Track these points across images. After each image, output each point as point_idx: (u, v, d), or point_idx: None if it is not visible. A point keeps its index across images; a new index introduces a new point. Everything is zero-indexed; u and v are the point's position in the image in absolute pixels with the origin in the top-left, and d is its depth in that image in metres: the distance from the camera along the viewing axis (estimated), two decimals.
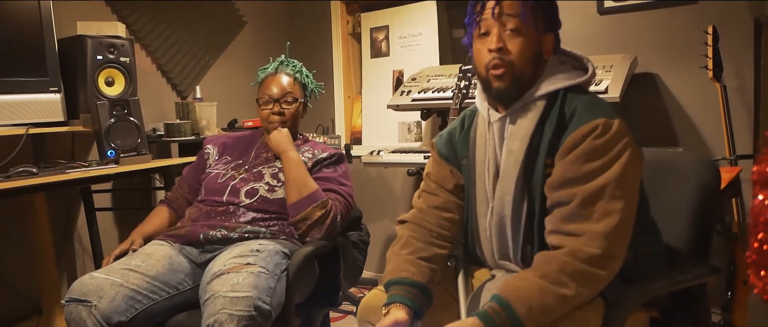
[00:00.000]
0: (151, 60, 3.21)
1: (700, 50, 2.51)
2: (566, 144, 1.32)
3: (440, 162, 1.58)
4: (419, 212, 1.57)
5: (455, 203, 1.56)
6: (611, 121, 1.29)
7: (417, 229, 1.55)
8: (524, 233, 1.39)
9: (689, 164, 1.56)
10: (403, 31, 3.69)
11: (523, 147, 1.37)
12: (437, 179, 1.58)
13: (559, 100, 1.37)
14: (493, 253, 1.47)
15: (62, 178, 2.24)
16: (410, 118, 3.64)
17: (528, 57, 1.38)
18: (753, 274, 0.99)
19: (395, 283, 1.45)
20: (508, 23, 1.37)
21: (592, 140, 1.28)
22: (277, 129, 2.12)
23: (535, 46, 1.39)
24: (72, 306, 1.66)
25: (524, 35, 1.37)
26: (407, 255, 1.49)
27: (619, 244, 1.27)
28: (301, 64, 2.23)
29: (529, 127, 1.37)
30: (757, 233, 0.96)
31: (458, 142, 1.56)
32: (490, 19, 1.38)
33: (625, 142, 1.29)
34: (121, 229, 3.08)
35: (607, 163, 1.27)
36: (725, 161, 2.41)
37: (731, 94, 2.53)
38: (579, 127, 1.31)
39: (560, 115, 1.36)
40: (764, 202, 0.96)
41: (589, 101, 1.36)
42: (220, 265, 1.73)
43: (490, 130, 1.45)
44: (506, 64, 1.37)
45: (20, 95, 2.37)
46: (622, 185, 1.27)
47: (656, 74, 2.83)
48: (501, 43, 1.37)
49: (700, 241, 1.51)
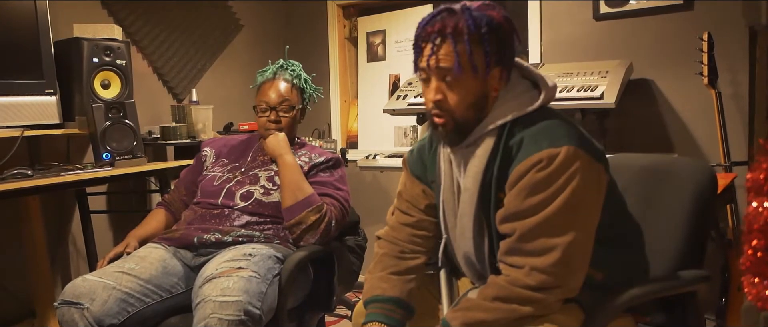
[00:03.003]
0: (147, 63, 3.20)
1: (695, 57, 2.52)
2: (512, 177, 1.29)
3: (413, 180, 1.57)
4: (392, 230, 1.57)
5: (429, 222, 1.55)
6: (556, 151, 1.24)
7: (389, 246, 1.55)
8: (489, 264, 1.38)
9: (686, 170, 1.56)
10: (400, 36, 3.70)
11: (476, 184, 1.34)
12: (409, 198, 1.57)
13: (505, 134, 1.32)
14: (469, 274, 1.48)
15: (57, 180, 2.23)
16: (406, 123, 3.64)
17: (469, 103, 1.32)
18: (746, 281, 0.99)
19: (371, 301, 1.47)
20: (445, 75, 1.31)
21: (534, 174, 1.25)
22: (273, 133, 2.12)
23: (477, 89, 1.32)
24: (64, 308, 1.66)
25: (462, 85, 1.31)
26: (379, 273, 1.50)
27: (563, 275, 1.24)
28: (300, 68, 2.21)
29: (480, 164, 1.34)
30: (751, 240, 0.97)
31: (428, 160, 1.53)
32: (426, 68, 1.33)
33: (573, 170, 1.23)
34: (116, 231, 3.07)
35: (548, 198, 1.23)
36: (720, 168, 2.42)
37: (726, 101, 2.54)
38: (523, 160, 1.27)
39: (505, 149, 1.32)
40: (758, 210, 0.96)
41: (536, 131, 1.29)
42: (213, 269, 1.72)
43: (449, 160, 1.44)
44: (446, 113, 1.33)
45: (16, 97, 2.36)
46: (566, 219, 1.24)
47: (652, 80, 2.84)
48: (439, 94, 1.32)
49: (694, 247, 1.50)
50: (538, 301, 1.23)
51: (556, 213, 1.23)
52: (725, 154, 2.41)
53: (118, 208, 3.11)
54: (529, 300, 1.23)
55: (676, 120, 2.80)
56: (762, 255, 0.96)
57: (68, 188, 2.67)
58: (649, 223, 1.51)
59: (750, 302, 0.99)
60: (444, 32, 1.29)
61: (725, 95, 2.55)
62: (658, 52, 2.82)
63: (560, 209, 1.23)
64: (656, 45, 2.82)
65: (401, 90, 3.15)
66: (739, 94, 2.64)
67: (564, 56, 3.00)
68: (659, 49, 2.81)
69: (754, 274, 0.97)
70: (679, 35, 2.74)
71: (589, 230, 1.28)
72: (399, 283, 1.47)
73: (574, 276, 1.26)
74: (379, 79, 3.80)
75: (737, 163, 2.44)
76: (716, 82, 2.45)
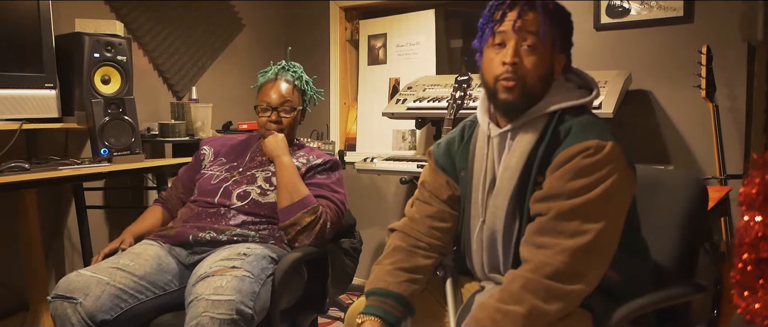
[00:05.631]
0: (148, 59, 3.21)
1: (693, 69, 2.53)
2: (556, 160, 1.32)
3: (437, 171, 1.58)
4: (410, 221, 1.57)
5: (449, 213, 1.55)
6: (604, 144, 1.29)
7: (405, 238, 1.54)
8: (514, 248, 1.39)
9: (678, 182, 1.57)
10: (401, 40, 3.70)
11: (520, 163, 1.37)
12: (432, 189, 1.57)
13: (555, 119, 1.38)
14: (483, 265, 1.47)
15: (54, 174, 2.24)
16: (405, 127, 3.65)
17: (540, 75, 1.38)
18: (737, 294, 1.00)
19: (372, 293, 1.46)
20: (527, 39, 1.36)
21: (581, 159, 1.29)
22: (272, 134, 2.12)
23: (548, 64, 1.39)
24: (57, 302, 1.67)
25: (540, 53, 1.37)
26: (388, 265, 1.50)
27: (588, 262, 1.26)
28: (301, 70, 2.22)
29: (528, 144, 1.38)
30: (742, 254, 0.97)
31: (457, 153, 1.55)
32: (509, 31, 1.37)
33: (615, 165, 1.29)
34: (112, 227, 3.07)
35: (591, 184, 1.27)
36: (715, 180, 2.43)
37: (723, 114, 2.56)
38: (571, 145, 1.31)
39: (554, 134, 1.36)
40: (749, 224, 0.97)
41: (585, 122, 1.36)
42: (207, 267, 1.73)
43: (490, 145, 1.45)
44: (518, 78, 1.36)
45: (15, 90, 2.36)
46: (602, 208, 1.27)
47: (650, 91, 2.85)
48: (516, 57, 1.36)
49: (686, 258, 1.51)
50: (563, 293, 1.24)
51: (595, 199, 1.27)
52: (721, 167, 2.42)
53: (115, 203, 3.11)
54: (554, 295, 1.23)
55: (673, 132, 2.81)
56: (752, 269, 0.96)
57: (65, 182, 2.68)
58: (643, 234, 1.51)
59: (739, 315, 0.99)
60: (532, 2, 1.37)
61: (722, 108, 2.56)
62: (657, 63, 2.83)
63: (599, 197, 1.27)
64: (655, 57, 2.83)
65: (401, 94, 3.16)
66: (736, 108, 2.65)
67: None
68: (658, 61, 2.83)
69: (743, 288, 0.98)
70: (679, 47, 2.76)
71: (617, 226, 1.31)
72: (405, 279, 1.46)
73: (596, 267, 1.28)
74: (379, 83, 3.80)
75: (732, 177, 2.45)
76: (714, 95, 2.47)
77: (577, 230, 1.26)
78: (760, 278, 0.96)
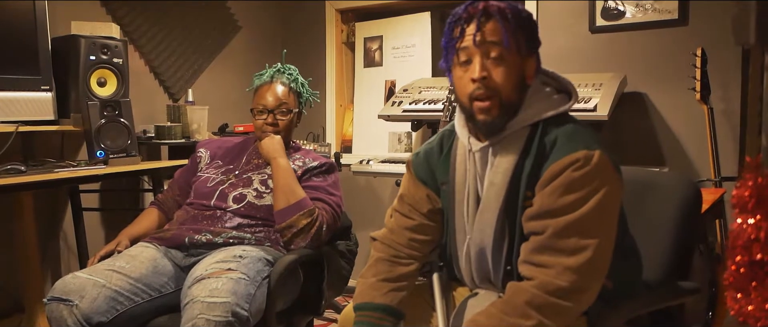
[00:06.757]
0: (144, 62, 3.20)
1: (688, 72, 2.54)
2: (546, 175, 1.29)
3: (417, 184, 1.53)
4: (390, 232, 1.55)
5: (429, 226, 1.52)
6: (592, 153, 1.26)
7: (385, 249, 1.53)
8: (505, 262, 1.37)
9: (672, 184, 1.58)
10: (397, 42, 3.71)
11: (506, 179, 1.34)
12: (412, 202, 1.53)
13: (539, 131, 1.34)
14: (472, 277, 1.46)
15: (50, 177, 2.23)
16: (401, 129, 3.65)
17: (513, 84, 1.33)
18: (730, 296, 1.00)
19: (359, 308, 1.47)
20: (491, 50, 1.31)
21: (571, 172, 1.26)
22: (269, 136, 2.12)
23: (519, 71, 1.34)
24: (53, 304, 1.66)
25: (508, 62, 1.32)
26: (371, 278, 1.50)
27: (591, 278, 1.25)
28: (297, 72, 2.22)
29: (512, 159, 1.34)
30: (735, 256, 0.98)
31: (437, 165, 1.51)
32: (471, 47, 1.32)
33: (604, 175, 1.26)
34: (108, 229, 3.07)
35: (584, 197, 1.25)
36: (710, 183, 2.44)
37: (718, 117, 2.57)
38: (559, 158, 1.28)
39: (539, 147, 1.33)
40: (742, 226, 0.97)
41: (571, 131, 1.32)
42: (202, 269, 1.73)
43: (471, 158, 1.42)
44: (492, 93, 1.32)
45: (11, 92, 2.36)
46: (597, 221, 1.26)
47: (645, 94, 2.86)
48: (484, 71, 1.31)
49: (680, 260, 1.52)
50: (568, 310, 1.23)
51: (589, 213, 1.24)
52: (715, 170, 2.44)
53: (111, 206, 3.11)
54: (557, 312, 1.22)
55: (668, 134, 2.82)
56: (745, 271, 0.97)
57: (61, 185, 2.68)
58: (636, 236, 1.52)
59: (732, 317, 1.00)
60: (489, 12, 1.32)
61: (717, 111, 2.57)
62: (652, 66, 2.84)
63: (593, 210, 1.25)
64: (650, 59, 2.84)
65: (397, 96, 3.17)
66: (730, 110, 2.66)
67: (558, 68, 2.95)
68: (653, 64, 2.84)
69: (736, 290, 0.99)
70: (674, 50, 2.77)
71: (612, 236, 1.30)
72: (390, 290, 1.46)
73: (598, 280, 1.27)
74: (375, 85, 3.81)
75: (727, 179, 2.46)
76: (709, 97, 2.48)
77: (576, 247, 1.24)
78: (752, 280, 0.96)
